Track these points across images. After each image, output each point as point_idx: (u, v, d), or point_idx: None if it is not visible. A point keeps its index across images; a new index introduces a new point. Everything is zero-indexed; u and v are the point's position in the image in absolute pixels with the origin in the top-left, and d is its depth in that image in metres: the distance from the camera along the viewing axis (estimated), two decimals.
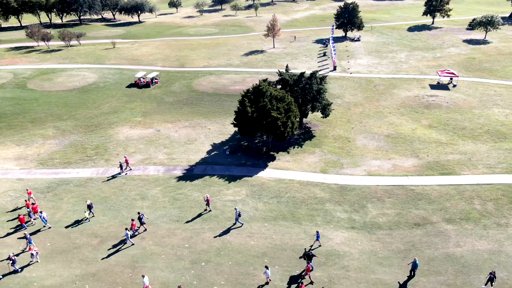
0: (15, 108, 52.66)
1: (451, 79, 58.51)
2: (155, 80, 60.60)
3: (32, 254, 27.48)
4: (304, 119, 47.28)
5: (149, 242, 29.46)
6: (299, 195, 34.57)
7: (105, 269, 27.00)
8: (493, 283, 24.74)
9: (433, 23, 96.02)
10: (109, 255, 28.11)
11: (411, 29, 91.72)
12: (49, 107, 52.96)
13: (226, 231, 30.13)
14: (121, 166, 37.74)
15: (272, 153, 41.35)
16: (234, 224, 30.88)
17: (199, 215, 31.75)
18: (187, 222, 31.08)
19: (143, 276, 24.78)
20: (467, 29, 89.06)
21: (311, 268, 25.14)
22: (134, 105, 53.96)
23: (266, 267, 25.40)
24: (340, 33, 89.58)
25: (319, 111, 44.35)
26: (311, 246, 28.69)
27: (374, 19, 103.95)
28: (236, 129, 45.01)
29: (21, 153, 42.31)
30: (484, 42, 79.41)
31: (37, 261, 27.45)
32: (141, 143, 43.68)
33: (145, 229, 30.47)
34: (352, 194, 34.53)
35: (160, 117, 49.79)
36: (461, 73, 62.06)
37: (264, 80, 42.54)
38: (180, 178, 37.22)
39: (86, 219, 31.65)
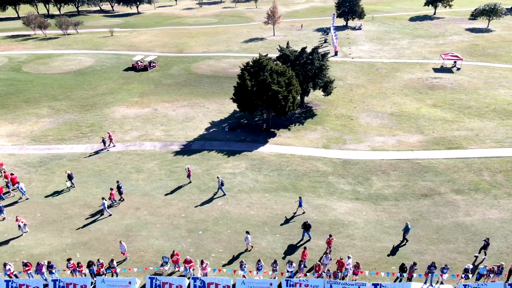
0: (9, 89, 51.38)
1: (455, 62, 57.42)
2: (153, 64, 59.45)
3: (19, 226, 26.17)
4: (305, 98, 46.05)
5: (143, 212, 28.18)
6: (300, 168, 33.35)
7: (97, 238, 25.69)
8: (486, 250, 23.42)
9: (435, 13, 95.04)
10: (101, 225, 27.05)
11: (413, 19, 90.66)
12: (44, 88, 51.72)
13: (225, 202, 28.98)
14: (103, 142, 36.37)
15: (272, 130, 40.07)
16: (216, 193, 29.54)
17: (197, 187, 30.71)
18: (184, 193, 30.04)
19: (120, 242, 23.59)
20: (470, 19, 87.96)
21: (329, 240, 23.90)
22: (131, 86, 52.76)
23: (247, 232, 24.06)
24: (341, 22, 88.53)
25: (321, 89, 43.19)
26: (294, 213, 27.36)
27: (375, 10, 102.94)
28: (236, 108, 43.94)
29: (14, 130, 41.00)
30: (487, 30, 78.36)
31: (26, 231, 26.35)
32: (138, 121, 42.42)
33: (123, 199, 29.06)
34: (356, 168, 33.30)
35: (157, 97, 48.59)
36: (464, 58, 60.92)
37: (265, 56, 41.47)
38: (177, 153, 35.96)
39: (67, 189, 30.54)
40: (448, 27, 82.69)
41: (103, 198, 27.73)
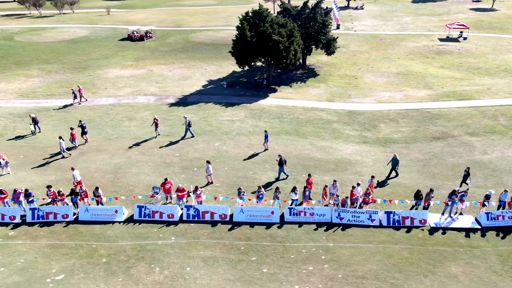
0: None
1: (461, 32, 55.62)
2: (150, 34, 57.52)
3: (0, 163, 24.37)
4: (307, 61, 44.22)
5: (134, 152, 26.09)
6: (303, 117, 31.36)
7: (83, 175, 23.47)
8: (467, 181, 21.43)
9: None
10: (88, 164, 24.80)
11: (415, 1, 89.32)
12: (36, 53, 49.71)
13: (223, 143, 26.85)
14: (74, 95, 34.09)
15: (273, 86, 38.28)
16: (184, 136, 27.52)
17: (193, 131, 28.24)
18: (179, 136, 27.91)
19: (72, 169, 21.50)
20: (473, 1, 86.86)
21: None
22: (126, 53, 50.76)
23: (208, 162, 21.84)
24: (343, 3, 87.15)
25: (323, 48, 41.41)
26: (266, 149, 25.44)
27: None
28: (234, 69, 42.14)
29: (1, 88, 39.05)
30: (491, 10, 76.82)
31: (8, 173, 24.38)
32: (132, 80, 40.36)
33: (86, 140, 27.18)
34: (362, 117, 31.31)
35: (153, 61, 46.60)
36: (471, 31, 59.42)
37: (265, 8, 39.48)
38: (172, 104, 33.93)
39: (31, 133, 28.69)
40: (452, 7, 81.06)
41: (60, 137, 25.43)
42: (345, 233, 18.99)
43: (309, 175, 21.07)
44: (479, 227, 19.18)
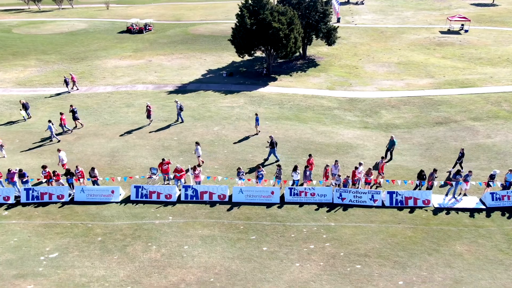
0: None
1: (462, 25, 55.36)
2: (149, 27, 57.13)
3: None
4: (307, 51, 43.70)
5: (132, 136, 25.69)
6: (303, 103, 30.92)
7: (79, 158, 23.11)
8: (460, 162, 20.91)
9: None
10: (85, 148, 24.29)
11: None
12: (34, 44, 49.27)
13: (222, 127, 26.36)
14: (66, 83, 33.41)
15: (273, 75, 37.90)
16: (177, 120, 27.19)
17: (191, 116, 28.09)
18: (177, 121, 27.60)
19: (58, 151, 21.15)
20: None
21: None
22: (125, 44, 50.33)
23: (197, 143, 21.47)
24: None
25: (323, 36, 40.99)
26: (256, 133, 24.99)
27: None
28: (234, 59, 41.79)
29: None
30: (492, 5, 76.57)
31: (3, 156, 23.95)
32: (130, 70, 39.89)
33: (80, 125, 26.87)
34: (363, 104, 30.89)
35: (152, 52, 46.14)
36: (472, 24, 59.15)
37: None
38: (171, 92, 33.44)
39: (22, 119, 28.27)
40: (453, 2, 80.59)
41: (49, 121, 25.06)
42: (347, 213, 18.56)
43: (309, 155, 20.58)
44: (484, 207, 18.83)
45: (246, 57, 41.65)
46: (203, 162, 21.86)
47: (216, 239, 16.95)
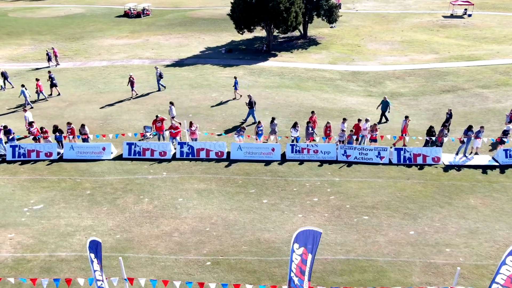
0: None
1: (466, 9, 54.55)
2: (147, 12, 56.10)
3: None
4: (308, 32, 42.69)
5: (126, 102, 24.77)
6: (304, 75, 29.84)
7: (71, 122, 22.40)
8: (448, 123, 19.70)
9: None
10: (76, 113, 23.11)
11: None
12: (29, 25, 48.23)
13: (220, 94, 25.29)
14: (48, 58, 32.20)
15: (273, 52, 36.89)
16: (159, 89, 26.06)
17: (188, 84, 27.05)
18: (174, 88, 26.47)
19: (24, 111, 20.14)
20: None
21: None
22: (122, 27, 49.36)
23: (171, 103, 20.47)
24: None
25: (325, 14, 39.99)
26: (235, 97, 24.11)
27: None
28: (234, 38, 40.86)
29: None
30: None
31: None
32: (127, 47, 38.92)
33: (59, 93, 25.66)
34: (366, 76, 29.82)
35: (149, 33, 45.03)
36: (475, 10, 58.39)
37: None
38: (168, 65, 32.30)
39: (1, 88, 27.27)
40: None
41: (22, 86, 23.84)
42: (352, 169, 17.49)
43: (312, 112, 19.59)
44: (497, 164, 17.89)
45: (246, 36, 40.73)
46: (180, 124, 19.86)
47: (213, 192, 15.85)
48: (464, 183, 16.57)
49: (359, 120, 18.69)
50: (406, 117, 19.26)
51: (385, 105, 21.38)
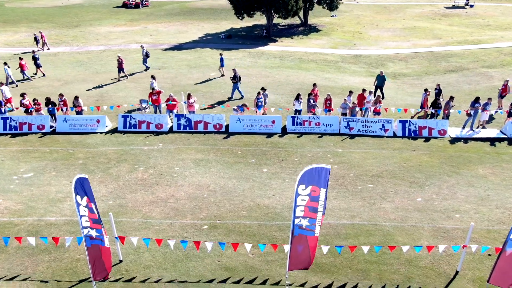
0: None
1: (468, 0, 54.19)
2: (146, 2, 55.66)
3: None
4: (308, 20, 42.13)
5: (123, 80, 24.25)
6: (305, 58, 29.39)
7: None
8: (440, 98, 18.61)
9: None
10: (70, 90, 22.25)
11: None
12: (26, 14, 47.68)
13: (218, 73, 24.55)
14: (36, 40, 31.69)
15: (273, 38, 36.33)
16: (146, 69, 25.45)
17: (187, 65, 26.40)
18: (171, 67, 25.94)
19: (1, 84, 19.37)
20: None
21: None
22: (120, 16, 48.92)
23: (152, 77, 19.93)
24: None
25: (325, 1, 39.45)
26: (222, 75, 23.73)
27: None
28: (233, 25, 40.27)
29: None
30: None
31: None
32: (125, 34, 38.43)
33: (43, 74, 25.05)
34: (368, 59, 29.32)
35: (148, 21, 44.65)
36: (476, 1, 57.92)
37: None
38: (166, 49, 31.79)
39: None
40: None
41: (5, 64, 23.12)
42: (355, 140, 16.88)
43: (314, 84, 19.00)
44: (505, 136, 17.33)
45: (246, 24, 40.29)
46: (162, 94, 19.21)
47: (210, 162, 15.25)
48: (472, 154, 15.94)
49: (364, 90, 18.08)
50: (426, 90, 18.43)
51: (381, 80, 20.57)
